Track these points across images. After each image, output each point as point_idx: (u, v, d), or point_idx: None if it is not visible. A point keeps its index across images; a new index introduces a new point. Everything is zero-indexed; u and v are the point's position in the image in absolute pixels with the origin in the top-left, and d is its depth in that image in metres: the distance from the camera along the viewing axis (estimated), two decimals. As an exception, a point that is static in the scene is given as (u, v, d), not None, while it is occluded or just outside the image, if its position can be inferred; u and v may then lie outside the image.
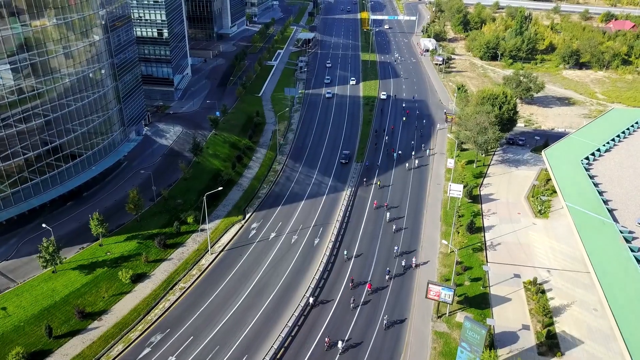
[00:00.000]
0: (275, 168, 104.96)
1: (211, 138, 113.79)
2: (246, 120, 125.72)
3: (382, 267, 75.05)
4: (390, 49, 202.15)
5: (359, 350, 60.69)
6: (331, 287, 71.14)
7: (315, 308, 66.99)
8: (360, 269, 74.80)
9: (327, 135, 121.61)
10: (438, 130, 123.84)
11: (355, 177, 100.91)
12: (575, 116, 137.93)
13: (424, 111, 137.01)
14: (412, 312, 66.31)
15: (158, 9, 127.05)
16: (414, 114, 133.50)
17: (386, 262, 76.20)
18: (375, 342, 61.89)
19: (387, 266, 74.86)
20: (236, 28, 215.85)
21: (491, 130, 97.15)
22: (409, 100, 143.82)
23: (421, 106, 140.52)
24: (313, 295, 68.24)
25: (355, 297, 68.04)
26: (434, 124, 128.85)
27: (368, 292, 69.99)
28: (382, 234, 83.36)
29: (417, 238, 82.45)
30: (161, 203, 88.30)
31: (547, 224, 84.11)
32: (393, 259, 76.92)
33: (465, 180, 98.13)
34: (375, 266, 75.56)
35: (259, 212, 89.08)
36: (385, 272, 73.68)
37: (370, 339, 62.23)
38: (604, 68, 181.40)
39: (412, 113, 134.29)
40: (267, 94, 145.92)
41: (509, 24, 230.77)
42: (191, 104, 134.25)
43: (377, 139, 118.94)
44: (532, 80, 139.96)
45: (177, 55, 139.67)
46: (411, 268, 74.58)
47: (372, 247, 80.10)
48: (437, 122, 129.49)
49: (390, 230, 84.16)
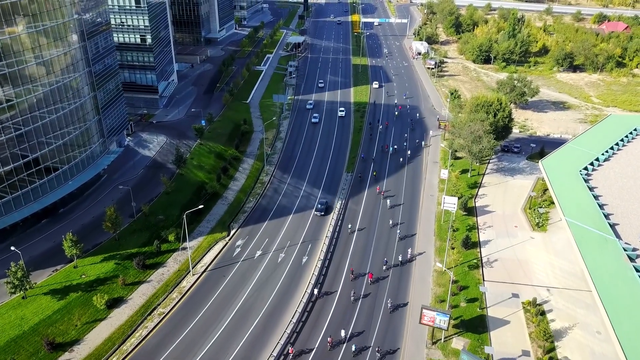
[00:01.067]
0: (263, 179, 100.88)
1: (196, 148, 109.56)
2: (233, 128, 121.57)
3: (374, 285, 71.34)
4: (382, 53, 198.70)
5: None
6: (320, 310, 67.27)
7: (300, 335, 63.08)
8: (350, 287, 70.95)
9: (316, 143, 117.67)
10: (431, 138, 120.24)
11: (345, 189, 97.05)
12: (571, 121, 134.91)
13: (416, 117, 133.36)
14: (405, 338, 62.44)
15: (141, 15, 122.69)
16: (405, 113, 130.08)
17: (377, 276, 72.49)
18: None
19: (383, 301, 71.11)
20: (225, 32, 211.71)
21: (486, 138, 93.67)
22: (400, 100, 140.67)
23: (413, 112, 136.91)
24: (301, 321, 64.31)
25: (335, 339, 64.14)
26: (426, 130, 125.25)
27: (369, 283, 72.02)
28: (373, 250, 79.46)
29: (412, 253, 78.62)
30: (141, 219, 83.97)
31: (545, 238, 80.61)
32: (384, 271, 73.56)
33: (460, 191, 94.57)
34: (373, 261, 71.85)
35: (245, 227, 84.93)
36: (383, 262, 75.75)
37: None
38: (598, 71, 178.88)
39: (404, 111, 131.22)
40: (255, 101, 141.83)
41: (501, 26, 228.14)
42: (176, 112, 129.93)
43: (370, 142, 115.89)
44: (527, 84, 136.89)
45: (162, 62, 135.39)
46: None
47: (363, 263, 76.24)
48: (430, 128, 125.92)
49: (382, 246, 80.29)
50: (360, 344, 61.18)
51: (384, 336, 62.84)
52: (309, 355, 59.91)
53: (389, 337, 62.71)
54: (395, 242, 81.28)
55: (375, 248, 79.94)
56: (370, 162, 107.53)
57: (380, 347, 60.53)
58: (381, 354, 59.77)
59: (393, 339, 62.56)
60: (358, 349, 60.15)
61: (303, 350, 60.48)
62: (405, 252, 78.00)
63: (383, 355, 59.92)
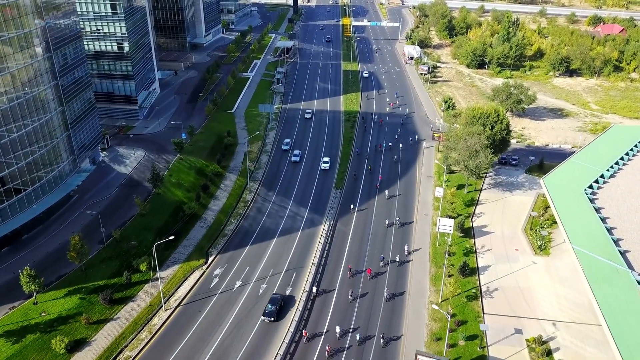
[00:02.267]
0: (246, 198, 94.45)
1: (175, 164, 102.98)
2: (216, 141, 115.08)
3: (365, 317, 65.17)
4: (373, 57, 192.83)
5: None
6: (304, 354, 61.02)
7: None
8: (342, 314, 64.75)
9: (304, 157, 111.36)
10: (425, 149, 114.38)
11: (334, 207, 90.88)
12: (570, 129, 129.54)
13: (410, 127, 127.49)
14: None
15: (117, 21, 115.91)
16: (395, 128, 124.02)
17: (369, 315, 66.37)
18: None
19: (375, 332, 64.91)
20: (211, 37, 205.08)
21: (483, 153, 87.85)
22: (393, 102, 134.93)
23: (406, 121, 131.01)
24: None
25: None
26: (420, 141, 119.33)
27: (368, 278, 72.14)
28: (362, 280, 73.29)
29: (404, 282, 72.60)
30: (112, 246, 77.31)
31: (548, 263, 74.80)
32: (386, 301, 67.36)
33: (456, 209, 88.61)
34: (358, 314, 65.60)
35: (224, 254, 78.47)
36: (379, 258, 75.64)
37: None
38: (596, 75, 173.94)
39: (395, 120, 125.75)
40: (240, 110, 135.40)
41: (495, 28, 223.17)
42: (157, 123, 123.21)
43: (359, 158, 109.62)
44: (523, 91, 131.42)
45: (142, 70, 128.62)
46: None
47: (355, 290, 70.10)
48: (423, 139, 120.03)
49: (374, 274, 74.22)
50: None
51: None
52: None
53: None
54: (387, 267, 75.25)
55: (365, 279, 73.81)
56: (360, 180, 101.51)
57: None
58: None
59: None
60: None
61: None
62: (398, 281, 72.02)
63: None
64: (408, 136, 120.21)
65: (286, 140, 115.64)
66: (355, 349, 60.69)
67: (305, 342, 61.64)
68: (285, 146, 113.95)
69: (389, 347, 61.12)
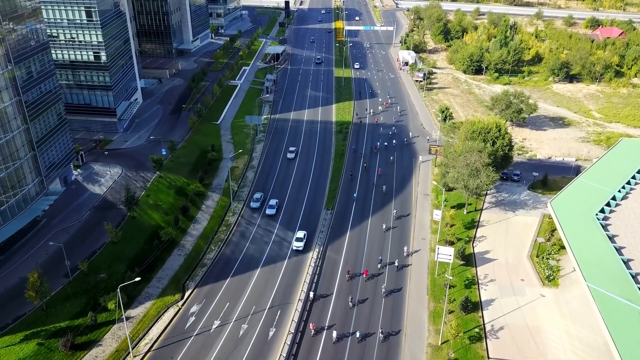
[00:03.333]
0: (228, 221, 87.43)
1: (154, 182, 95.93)
2: (199, 156, 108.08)
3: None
4: (367, 63, 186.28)
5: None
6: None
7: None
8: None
9: (293, 172, 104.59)
10: (421, 164, 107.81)
11: (324, 230, 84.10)
12: (573, 140, 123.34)
13: (404, 138, 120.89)
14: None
15: (93, 29, 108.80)
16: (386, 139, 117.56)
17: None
18: None
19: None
20: (199, 42, 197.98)
21: (484, 172, 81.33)
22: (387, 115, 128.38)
23: (401, 132, 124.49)
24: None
25: None
26: (415, 154, 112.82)
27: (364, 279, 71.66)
28: (356, 313, 66.58)
29: (400, 317, 65.92)
30: (79, 280, 70.28)
31: (557, 296, 68.32)
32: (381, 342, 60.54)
33: (455, 233, 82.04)
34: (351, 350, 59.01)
35: (203, 287, 71.46)
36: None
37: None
38: (596, 81, 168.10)
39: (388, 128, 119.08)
40: (227, 121, 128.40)
41: (491, 32, 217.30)
42: (137, 137, 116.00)
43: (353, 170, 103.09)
44: (524, 100, 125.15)
45: (121, 80, 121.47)
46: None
47: (345, 325, 63.44)
48: (420, 152, 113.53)
49: (364, 312, 67.49)
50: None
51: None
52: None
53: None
54: (382, 299, 68.60)
55: (358, 309, 67.08)
56: (353, 200, 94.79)
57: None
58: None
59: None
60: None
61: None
62: (393, 317, 65.30)
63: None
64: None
65: (256, 196, 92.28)
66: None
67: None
68: (255, 203, 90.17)
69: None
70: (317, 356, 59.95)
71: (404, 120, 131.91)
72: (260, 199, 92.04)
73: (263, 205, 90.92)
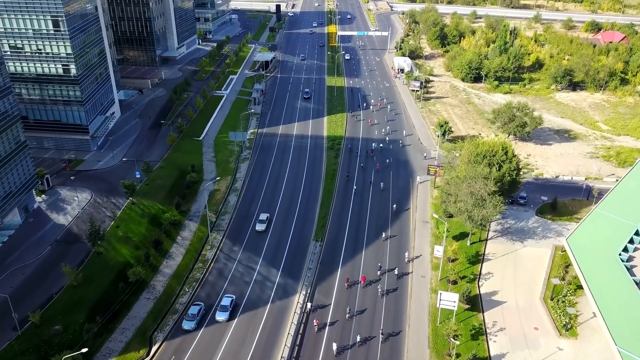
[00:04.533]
0: (206, 256, 78.54)
1: (126, 210, 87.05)
2: (177, 177, 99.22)
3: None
4: (360, 71, 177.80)
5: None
6: None
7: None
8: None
9: (280, 196, 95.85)
10: (419, 185, 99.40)
11: (312, 268, 75.43)
12: (580, 156, 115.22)
13: (400, 155, 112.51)
14: None
15: (60, 40, 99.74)
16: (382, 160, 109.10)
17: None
18: None
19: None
20: (185, 49, 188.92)
21: (491, 202, 72.91)
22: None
23: (396, 147, 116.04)
24: None
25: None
26: (412, 173, 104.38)
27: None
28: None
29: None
30: (29, 333, 61.38)
31: (577, 348, 59.95)
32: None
33: (458, 270, 73.56)
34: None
35: (172, 339, 62.58)
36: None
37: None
38: (601, 89, 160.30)
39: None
40: (210, 137, 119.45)
41: (489, 36, 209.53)
42: (111, 156, 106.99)
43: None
44: (528, 113, 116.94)
45: (95, 94, 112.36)
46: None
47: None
48: (417, 171, 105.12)
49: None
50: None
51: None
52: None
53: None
54: (378, 347, 60.06)
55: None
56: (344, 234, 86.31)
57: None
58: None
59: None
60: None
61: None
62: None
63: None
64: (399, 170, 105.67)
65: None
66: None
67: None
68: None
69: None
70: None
71: (400, 135, 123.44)
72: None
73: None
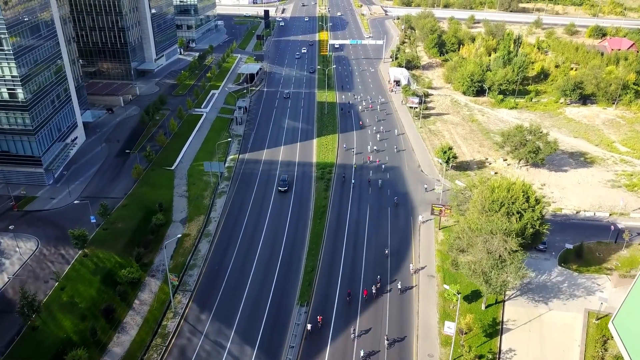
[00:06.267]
0: (166, 327, 64.82)
1: (76, 264, 73.32)
2: (142, 219, 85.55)
3: None
4: (354, 83, 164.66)
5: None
6: None
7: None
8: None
9: (259, 242, 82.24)
10: (421, 225, 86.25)
11: (296, 345, 61.93)
12: (601, 185, 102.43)
13: (398, 185, 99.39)
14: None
15: (5, 61, 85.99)
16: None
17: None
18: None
19: None
20: (164, 60, 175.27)
21: (513, 263, 59.80)
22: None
23: (394, 176, 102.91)
24: None
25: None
26: (413, 210, 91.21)
27: None
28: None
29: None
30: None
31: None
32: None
33: (473, 347, 60.31)
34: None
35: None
36: None
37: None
38: (614, 103, 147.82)
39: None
40: (184, 166, 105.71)
41: (490, 44, 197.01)
42: (67, 192, 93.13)
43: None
44: (542, 137, 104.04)
45: (50, 119, 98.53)
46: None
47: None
48: (419, 206, 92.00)
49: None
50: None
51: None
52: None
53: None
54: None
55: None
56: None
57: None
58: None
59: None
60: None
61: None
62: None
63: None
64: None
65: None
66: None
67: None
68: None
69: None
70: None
71: (398, 161, 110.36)
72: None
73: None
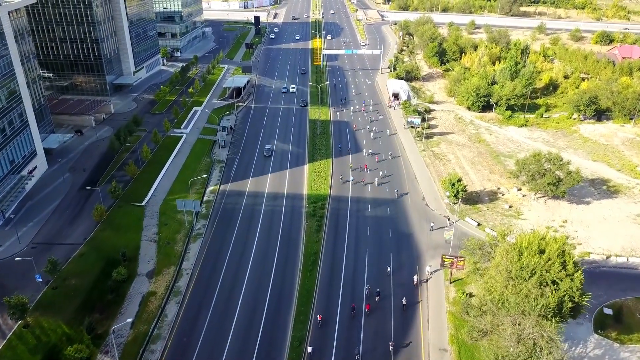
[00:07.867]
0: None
1: (13, 339, 60.31)
2: (101, 272, 72.55)
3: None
4: (349, 97, 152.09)
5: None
6: None
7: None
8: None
9: (238, 303, 69.21)
10: (429, 277, 73.59)
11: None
12: (630, 221, 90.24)
13: (400, 224, 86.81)
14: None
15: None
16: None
17: None
18: None
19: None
20: (144, 72, 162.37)
21: (548, 347, 47.30)
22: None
23: (396, 213, 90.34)
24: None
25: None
26: (419, 258, 78.53)
27: None
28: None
29: None
30: None
31: None
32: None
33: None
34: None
35: None
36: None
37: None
38: (631, 120, 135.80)
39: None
40: (156, 201, 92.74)
41: (493, 52, 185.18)
42: (16, 237, 79.99)
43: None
44: (563, 166, 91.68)
45: (0, 151, 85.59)
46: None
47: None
48: (425, 252, 79.42)
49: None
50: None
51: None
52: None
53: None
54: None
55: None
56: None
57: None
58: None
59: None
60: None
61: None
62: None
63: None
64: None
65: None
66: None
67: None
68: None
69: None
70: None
71: (401, 194, 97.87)
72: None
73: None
